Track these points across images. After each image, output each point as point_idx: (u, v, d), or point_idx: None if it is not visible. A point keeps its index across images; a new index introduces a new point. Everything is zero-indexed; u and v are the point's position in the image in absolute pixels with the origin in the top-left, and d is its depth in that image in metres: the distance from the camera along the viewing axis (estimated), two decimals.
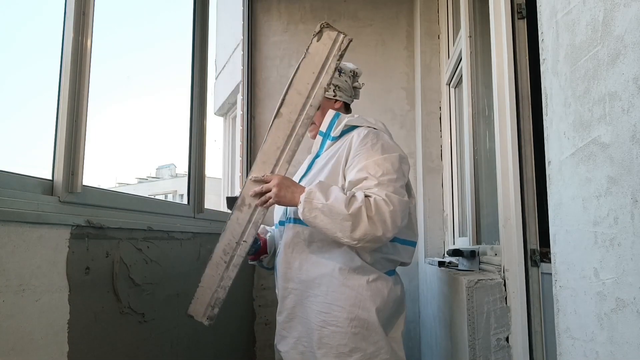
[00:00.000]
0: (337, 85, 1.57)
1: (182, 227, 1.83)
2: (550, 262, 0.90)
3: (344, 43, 1.36)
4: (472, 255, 1.71)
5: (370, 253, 1.39)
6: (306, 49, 1.37)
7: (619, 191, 0.65)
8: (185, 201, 2.09)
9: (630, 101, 0.62)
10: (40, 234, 1.07)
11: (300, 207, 1.30)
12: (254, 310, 2.87)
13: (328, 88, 1.46)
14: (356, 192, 1.31)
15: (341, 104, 1.59)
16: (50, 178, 1.21)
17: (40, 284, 1.07)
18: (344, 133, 1.50)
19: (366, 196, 1.29)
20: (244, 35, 3.06)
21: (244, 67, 3.04)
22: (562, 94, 0.82)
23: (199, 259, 1.96)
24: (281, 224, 1.56)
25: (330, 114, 1.55)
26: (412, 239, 1.51)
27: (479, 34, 1.95)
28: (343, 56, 1.37)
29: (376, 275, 1.40)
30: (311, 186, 1.32)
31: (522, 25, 1.41)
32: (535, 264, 1.32)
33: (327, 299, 1.37)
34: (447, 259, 2.10)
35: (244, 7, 3.07)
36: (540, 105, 0.93)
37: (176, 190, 18.20)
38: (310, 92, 1.37)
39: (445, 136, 2.62)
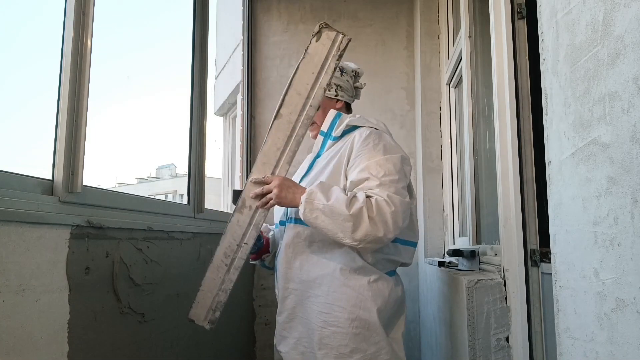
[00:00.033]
0: (339, 85, 1.57)
1: (182, 227, 1.83)
2: (550, 262, 0.90)
3: (342, 43, 1.36)
4: (472, 255, 1.71)
5: (372, 253, 1.39)
6: (305, 50, 1.37)
7: (619, 191, 0.65)
8: (185, 201, 2.09)
9: (630, 101, 0.62)
10: (40, 234, 1.07)
11: (301, 208, 1.30)
12: (254, 310, 2.87)
13: (328, 88, 1.46)
14: (357, 193, 1.30)
15: (342, 103, 1.59)
16: (50, 178, 1.21)
17: (40, 284, 1.07)
18: (345, 133, 1.50)
19: (367, 197, 1.29)
20: (244, 35, 3.06)
21: (244, 67, 3.04)
22: (562, 94, 0.82)
23: (199, 259, 1.96)
24: (282, 224, 1.56)
25: (331, 113, 1.54)
26: (413, 239, 1.51)
27: (479, 34, 1.95)
28: (342, 56, 1.37)
29: (377, 275, 1.40)
30: (312, 187, 1.32)
31: (522, 25, 1.41)
32: (535, 264, 1.32)
33: (328, 299, 1.36)
34: (447, 259, 2.09)
35: (244, 7, 3.07)
36: (540, 105, 0.93)
37: (176, 190, 18.20)
38: (309, 92, 1.37)
39: (445, 136, 2.62)
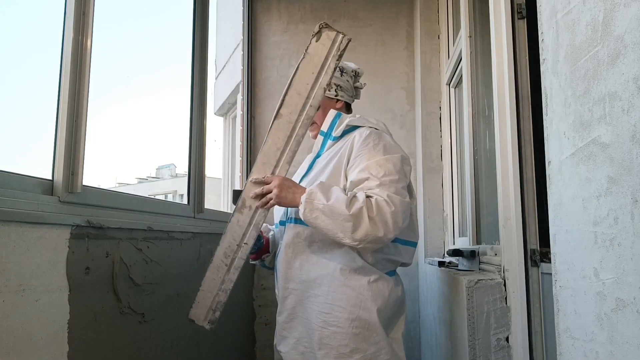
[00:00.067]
0: (339, 85, 1.57)
1: (182, 227, 1.83)
2: (550, 262, 0.90)
3: (342, 43, 1.36)
4: (472, 255, 1.71)
5: (372, 253, 1.39)
6: (305, 50, 1.37)
7: (619, 191, 0.65)
8: (185, 201, 2.09)
9: (630, 101, 0.62)
10: (40, 234, 1.07)
11: (301, 208, 1.30)
12: (254, 310, 2.87)
13: (328, 88, 1.46)
14: (357, 193, 1.30)
15: (342, 103, 1.59)
16: (50, 178, 1.21)
17: (40, 284, 1.07)
18: (345, 133, 1.50)
19: (368, 197, 1.29)
20: (244, 35, 3.06)
21: (244, 67, 3.04)
22: (562, 94, 0.82)
23: (199, 259, 1.96)
24: (282, 224, 1.56)
25: (331, 113, 1.54)
26: (413, 239, 1.51)
27: (479, 34, 1.95)
28: (342, 56, 1.37)
29: (377, 275, 1.40)
30: (312, 187, 1.32)
31: (522, 25, 1.41)
32: (535, 264, 1.32)
33: (328, 299, 1.36)
34: (447, 259, 2.09)
35: (244, 7, 3.07)
36: (540, 105, 0.93)
37: (176, 190, 18.19)
38: (309, 92, 1.37)
39: (445, 136, 2.62)
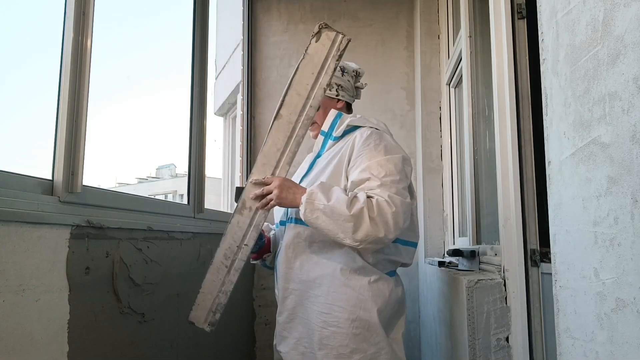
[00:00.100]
0: (340, 85, 1.57)
1: (182, 227, 1.83)
2: (550, 262, 0.90)
3: (342, 43, 1.36)
4: (472, 255, 1.71)
5: (372, 254, 1.39)
6: (305, 50, 1.37)
7: (619, 191, 0.65)
8: (185, 201, 2.09)
9: (630, 101, 0.62)
10: (40, 234, 1.07)
11: (302, 208, 1.30)
12: (254, 310, 2.87)
13: (328, 88, 1.46)
14: (358, 193, 1.30)
15: (343, 103, 1.59)
16: (50, 178, 1.21)
17: (40, 284, 1.07)
18: (346, 133, 1.50)
19: (368, 197, 1.28)
20: (244, 35, 3.06)
21: (244, 67, 3.04)
22: (562, 94, 0.82)
23: (199, 259, 1.96)
24: (282, 224, 1.56)
25: (332, 113, 1.54)
26: (414, 240, 1.50)
27: (479, 34, 1.95)
28: (342, 56, 1.37)
29: (377, 276, 1.40)
30: (312, 187, 1.32)
31: (522, 25, 1.41)
32: (535, 264, 1.32)
33: (328, 300, 1.36)
34: (447, 259, 2.09)
35: (244, 7, 3.07)
36: (540, 105, 0.93)
37: (176, 190, 18.18)
38: (309, 93, 1.37)
39: (445, 136, 2.62)
